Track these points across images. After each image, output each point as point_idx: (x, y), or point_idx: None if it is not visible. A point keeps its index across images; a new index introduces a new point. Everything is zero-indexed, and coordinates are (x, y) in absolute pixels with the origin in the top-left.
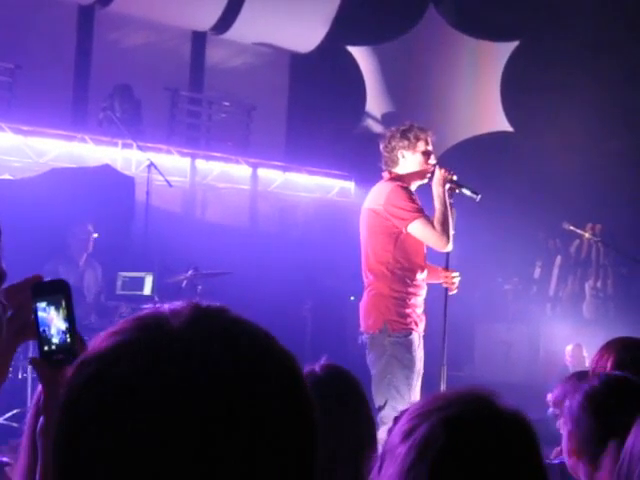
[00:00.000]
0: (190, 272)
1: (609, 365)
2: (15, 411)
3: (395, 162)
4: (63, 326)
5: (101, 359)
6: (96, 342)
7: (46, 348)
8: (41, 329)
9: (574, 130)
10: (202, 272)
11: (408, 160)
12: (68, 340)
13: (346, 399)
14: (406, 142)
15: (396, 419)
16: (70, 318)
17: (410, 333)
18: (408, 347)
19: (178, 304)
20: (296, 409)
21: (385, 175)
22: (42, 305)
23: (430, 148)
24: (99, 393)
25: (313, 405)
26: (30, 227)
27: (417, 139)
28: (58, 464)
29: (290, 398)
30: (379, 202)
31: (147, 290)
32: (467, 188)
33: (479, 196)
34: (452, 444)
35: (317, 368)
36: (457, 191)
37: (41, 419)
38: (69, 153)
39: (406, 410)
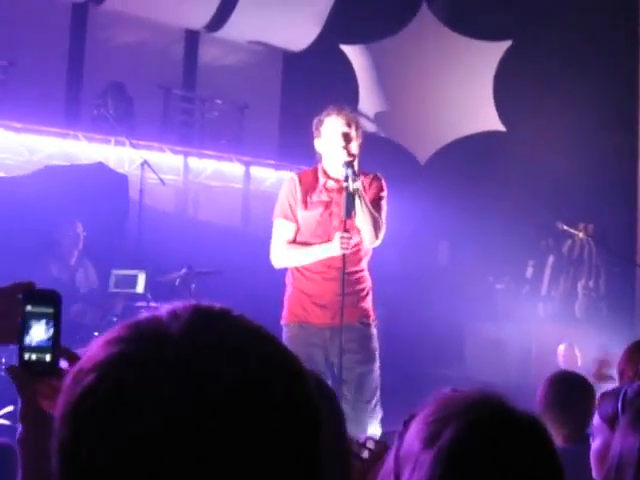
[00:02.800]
0: (183, 270)
1: None
2: (8, 408)
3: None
4: (48, 339)
5: (99, 369)
6: (93, 350)
7: (26, 357)
8: (26, 338)
9: (567, 129)
10: (195, 270)
11: (319, 148)
12: (49, 356)
13: None
14: (315, 132)
15: (406, 423)
16: (56, 332)
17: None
18: None
19: (178, 306)
20: (302, 413)
21: None
22: (31, 313)
23: (325, 127)
24: (98, 403)
25: (319, 408)
26: (23, 225)
27: (320, 124)
28: (63, 476)
29: (296, 403)
30: None
31: (140, 288)
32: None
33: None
34: (483, 448)
35: None
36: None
37: (19, 428)
38: (62, 150)
39: (415, 415)
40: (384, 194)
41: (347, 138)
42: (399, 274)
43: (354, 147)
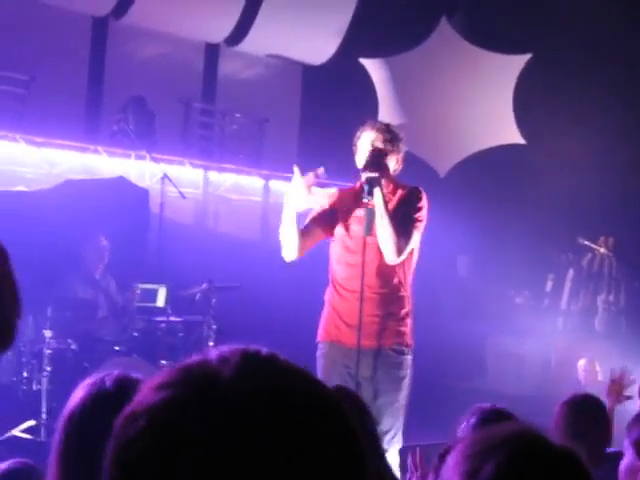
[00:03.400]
0: (204, 285)
1: None
2: (29, 423)
3: None
4: None
5: (150, 413)
6: (144, 394)
7: None
8: None
9: (587, 142)
10: (215, 285)
11: (357, 163)
12: None
13: None
14: (354, 148)
15: (441, 457)
16: None
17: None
18: None
19: (226, 350)
20: (348, 452)
21: None
22: None
23: (361, 142)
24: (149, 448)
25: (363, 449)
26: (44, 239)
27: (357, 139)
28: None
29: (342, 448)
30: None
31: (160, 302)
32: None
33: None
34: None
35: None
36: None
37: None
38: (82, 164)
39: (450, 448)
40: (421, 205)
41: (379, 153)
42: (418, 288)
43: (390, 162)
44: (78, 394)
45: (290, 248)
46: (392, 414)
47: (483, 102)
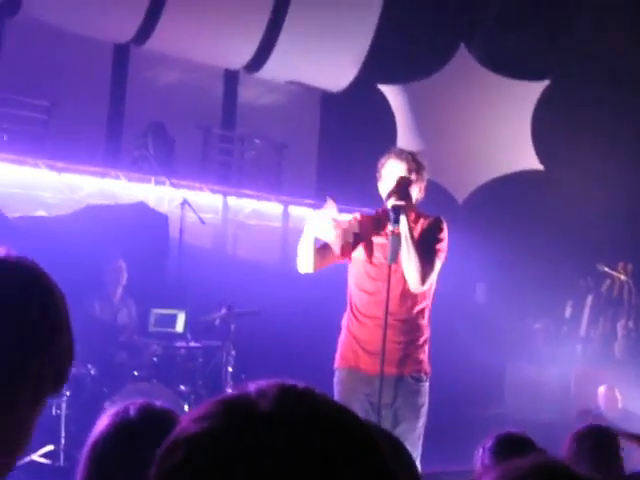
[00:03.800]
0: (223, 311)
1: None
2: (48, 448)
3: None
4: None
5: (190, 444)
6: (184, 425)
7: None
8: None
9: (605, 169)
10: (235, 311)
11: (380, 191)
12: None
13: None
14: (377, 175)
15: None
16: None
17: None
18: None
19: (263, 384)
20: None
21: None
22: None
23: (385, 170)
24: (188, 478)
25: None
26: (65, 264)
27: (381, 167)
28: None
29: (378, 473)
30: None
31: (179, 327)
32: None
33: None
34: None
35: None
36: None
37: None
38: (102, 190)
39: None
40: (442, 236)
41: (405, 182)
42: (437, 315)
43: (414, 191)
44: (102, 422)
45: (305, 263)
46: (412, 441)
47: (501, 128)
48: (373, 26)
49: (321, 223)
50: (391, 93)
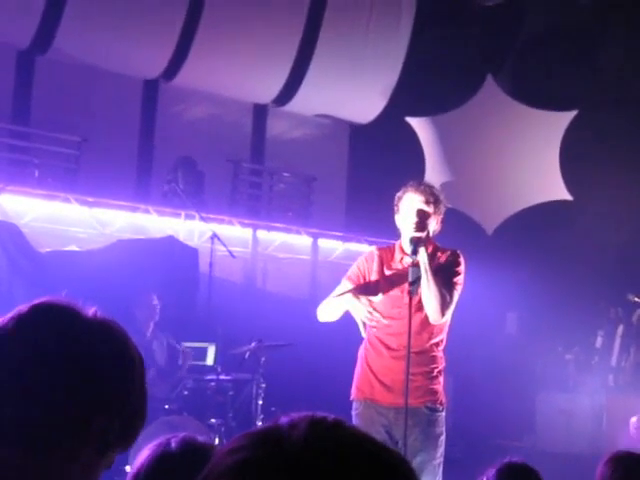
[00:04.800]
0: (253, 344)
1: None
2: None
3: None
4: None
5: (224, 476)
6: (218, 459)
7: None
8: None
9: (635, 197)
10: (265, 344)
11: (397, 224)
12: None
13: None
14: (395, 208)
15: None
16: None
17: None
18: None
19: (295, 417)
20: None
21: None
22: None
23: (402, 203)
24: None
25: None
26: (96, 298)
27: (399, 200)
28: None
29: None
30: None
31: (210, 360)
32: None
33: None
34: None
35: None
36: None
37: None
38: (133, 224)
39: None
40: (460, 270)
41: (423, 215)
42: (467, 344)
43: (432, 224)
44: (144, 454)
45: (327, 318)
46: (432, 472)
47: (530, 159)
48: (401, 59)
49: (361, 311)
50: (419, 125)
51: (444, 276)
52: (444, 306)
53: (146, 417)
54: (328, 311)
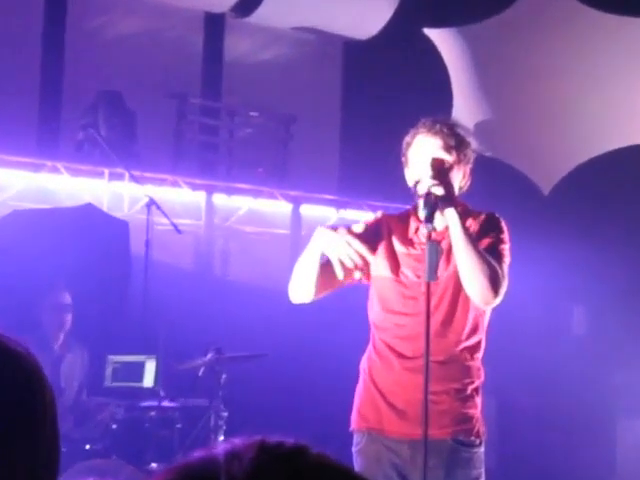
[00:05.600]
0: (210, 355)
1: None
2: None
3: None
4: None
5: None
6: None
7: None
8: None
9: None
10: (226, 356)
11: (408, 181)
12: None
13: None
14: (403, 159)
15: None
16: None
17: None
18: None
19: (238, 443)
20: None
21: None
22: None
23: (412, 150)
24: None
25: None
26: None
27: (407, 147)
28: None
29: None
30: None
31: (148, 381)
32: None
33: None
34: None
35: None
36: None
37: None
38: (35, 187)
39: None
40: (504, 237)
41: (441, 165)
42: (518, 347)
43: (456, 177)
44: None
45: (301, 288)
46: None
47: (605, 86)
48: None
49: (340, 245)
50: (443, 40)
51: (485, 247)
52: (496, 281)
53: (58, 465)
54: (298, 274)
